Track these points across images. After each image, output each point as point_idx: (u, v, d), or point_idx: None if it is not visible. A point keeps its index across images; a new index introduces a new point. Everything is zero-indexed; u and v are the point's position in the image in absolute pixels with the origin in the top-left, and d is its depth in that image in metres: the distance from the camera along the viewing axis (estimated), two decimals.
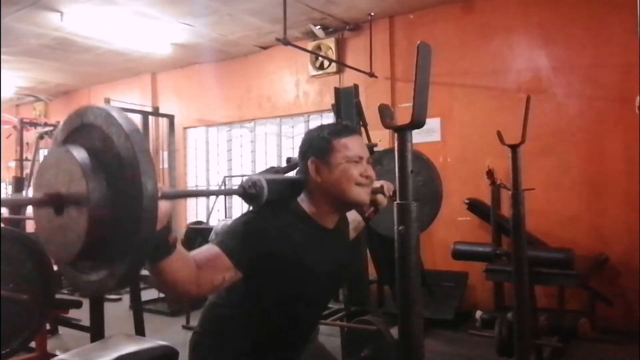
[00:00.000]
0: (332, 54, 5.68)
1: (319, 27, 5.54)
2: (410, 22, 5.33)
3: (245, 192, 1.32)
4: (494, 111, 4.68)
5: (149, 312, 4.85)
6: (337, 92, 4.05)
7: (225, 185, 6.48)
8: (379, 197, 1.67)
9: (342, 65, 5.62)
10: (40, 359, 3.48)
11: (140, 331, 3.41)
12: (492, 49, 4.86)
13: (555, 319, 3.49)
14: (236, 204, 6.55)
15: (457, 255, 3.75)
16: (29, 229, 6.50)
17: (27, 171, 6.21)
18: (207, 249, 1.30)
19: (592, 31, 4.41)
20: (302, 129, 6.27)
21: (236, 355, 1.42)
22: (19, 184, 5.73)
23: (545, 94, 4.51)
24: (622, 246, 4.21)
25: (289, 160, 2.03)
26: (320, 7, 5.06)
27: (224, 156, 7.03)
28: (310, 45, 5.70)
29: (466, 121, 4.99)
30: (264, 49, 6.34)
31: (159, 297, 5.51)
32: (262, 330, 1.42)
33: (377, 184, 1.59)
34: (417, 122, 1.18)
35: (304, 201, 1.43)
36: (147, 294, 5.28)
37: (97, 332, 3.18)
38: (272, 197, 1.33)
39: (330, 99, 4.71)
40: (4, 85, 7.19)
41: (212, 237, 5.24)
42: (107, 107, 0.97)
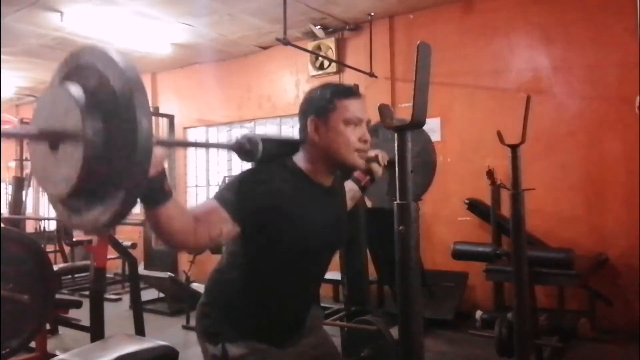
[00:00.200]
0: (332, 54, 5.68)
1: (319, 27, 5.54)
2: (410, 22, 5.33)
3: (240, 147, 1.34)
4: (494, 111, 4.68)
5: (149, 312, 4.84)
6: None
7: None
8: (374, 166, 1.68)
9: (342, 65, 5.62)
10: (40, 359, 3.48)
11: (140, 331, 3.40)
12: (492, 49, 4.86)
13: (555, 319, 3.49)
14: None
15: (457, 255, 3.75)
16: (29, 229, 6.53)
17: (27, 171, 6.21)
18: (205, 202, 1.33)
19: (592, 31, 4.41)
20: None
21: (240, 321, 1.41)
22: (19, 184, 5.73)
23: (545, 94, 4.51)
24: (622, 246, 4.21)
25: None
26: (320, 7, 5.06)
27: (224, 156, 7.03)
28: (310, 45, 5.70)
29: (466, 121, 4.99)
30: (264, 49, 6.34)
31: (159, 297, 5.51)
32: (264, 292, 1.41)
33: (372, 153, 1.59)
34: (417, 122, 1.18)
35: (299, 159, 1.43)
36: (147, 294, 5.29)
37: (97, 332, 3.18)
38: (267, 155, 1.35)
39: None
40: (4, 85, 7.19)
41: None
42: (104, 46, 0.97)
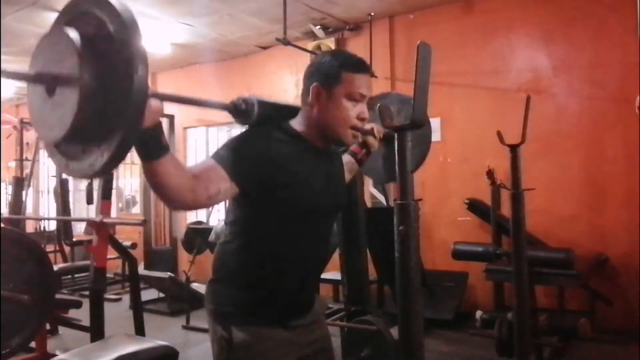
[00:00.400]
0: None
1: (319, 27, 5.54)
2: (410, 22, 5.32)
3: (235, 108, 1.34)
4: (494, 111, 4.68)
5: (149, 312, 4.84)
6: None
7: None
8: (370, 139, 1.67)
9: None
10: (40, 359, 3.48)
11: (140, 331, 3.40)
12: (492, 49, 4.86)
13: (555, 319, 3.49)
14: None
15: (457, 255, 3.76)
16: (29, 229, 6.52)
17: (27, 171, 6.21)
18: (203, 161, 1.33)
19: (592, 31, 4.41)
20: None
21: (245, 295, 1.41)
22: (19, 184, 5.73)
23: (545, 94, 4.51)
24: (622, 246, 4.21)
25: None
26: (320, 7, 5.06)
27: None
28: (310, 45, 5.70)
29: (466, 121, 4.99)
30: (264, 49, 6.34)
31: (159, 297, 5.51)
32: (266, 259, 1.40)
33: (368, 126, 1.58)
34: (417, 122, 1.18)
35: (296, 123, 1.44)
36: (147, 294, 5.29)
37: (97, 332, 3.18)
38: (263, 117, 1.35)
39: None
40: (4, 85, 7.18)
41: (212, 237, 5.25)
42: None
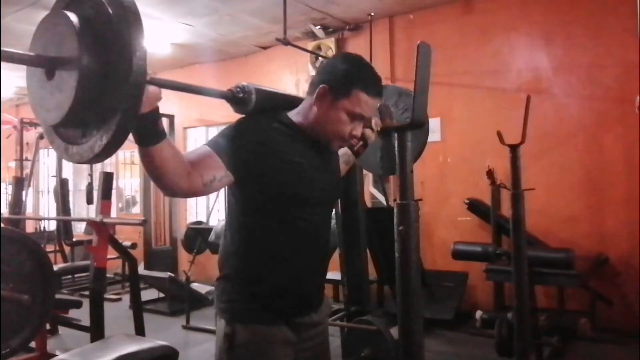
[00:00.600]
0: (332, 54, 5.68)
1: (319, 27, 5.55)
2: (410, 22, 5.32)
3: (233, 96, 1.34)
4: (494, 111, 4.68)
5: (149, 312, 4.84)
6: None
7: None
8: (367, 131, 1.66)
9: None
10: (40, 359, 3.48)
11: (140, 331, 3.40)
12: (492, 49, 4.85)
13: (555, 319, 3.49)
14: None
15: (457, 255, 3.76)
16: (29, 229, 6.53)
17: (27, 171, 6.22)
18: (199, 149, 1.33)
19: (592, 31, 4.41)
20: None
21: (249, 289, 1.40)
22: (19, 184, 5.73)
23: (545, 94, 4.50)
24: (622, 246, 4.21)
25: None
26: (320, 7, 5.06)
27: None
28: (310, 45, 5.70)
29: (466, 121, 4.99)
30: (264, 49, 6.34)
31: (159, 297, 5.51)
32: (265, 252, 1.40)
33: None
34: (417, 122, 1.19)
35: (294, 114, 1.45)
36: (147, 294, 5.29)
37: (97, 332, 3.18)
38: (261, 107, 1.35)
39: None
40: (4, 85, 7.19)
41: (211, 237, 5.25)
42: None
